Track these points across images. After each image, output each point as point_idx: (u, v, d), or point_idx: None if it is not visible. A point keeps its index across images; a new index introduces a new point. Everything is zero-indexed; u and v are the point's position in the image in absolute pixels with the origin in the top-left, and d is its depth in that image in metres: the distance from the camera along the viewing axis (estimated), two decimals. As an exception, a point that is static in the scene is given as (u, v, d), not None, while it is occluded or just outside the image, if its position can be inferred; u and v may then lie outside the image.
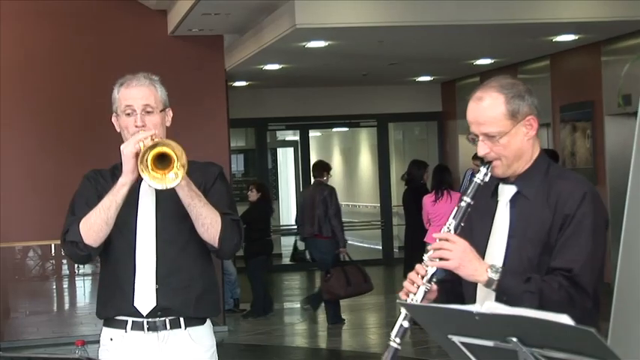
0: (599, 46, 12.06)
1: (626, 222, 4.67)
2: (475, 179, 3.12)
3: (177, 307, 3.68)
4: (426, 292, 3.03)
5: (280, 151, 21.92)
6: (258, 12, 10.26)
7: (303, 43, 10.81)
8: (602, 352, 2.18)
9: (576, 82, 12.82)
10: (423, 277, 3.03)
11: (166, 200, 3.64)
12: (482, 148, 3.11)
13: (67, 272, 11.41)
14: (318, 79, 15.07)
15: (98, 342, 3.80)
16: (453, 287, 3.21)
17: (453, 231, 3.06)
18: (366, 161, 20.01)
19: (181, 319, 3.70)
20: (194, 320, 3.73)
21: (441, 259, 3.01)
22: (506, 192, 3.17)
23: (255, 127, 16.73)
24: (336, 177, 22.42)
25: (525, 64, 13.94)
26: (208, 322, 3.81)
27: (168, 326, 3.67)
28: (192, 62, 11.27)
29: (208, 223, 3.59)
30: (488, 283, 2.99)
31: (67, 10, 10.99)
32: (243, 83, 14.91)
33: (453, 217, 3.08)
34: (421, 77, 15.65)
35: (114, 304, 3.71)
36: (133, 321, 3.67)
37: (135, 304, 3.65)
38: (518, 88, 3.17)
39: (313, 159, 18.47)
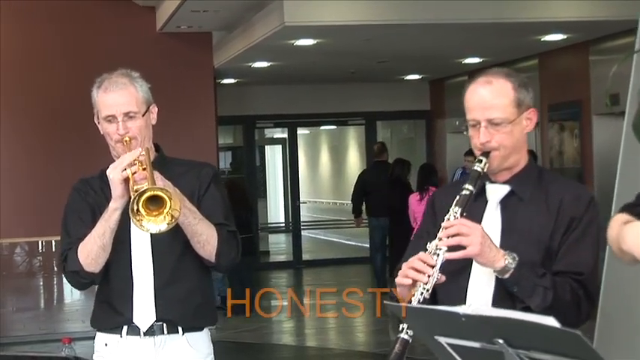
0: (588, 45, 12.08)
1: (613, 222, 4.68)
2: (475, 167, 3.01)
3: (176, 319, 3.56)
4: (436, 282, 2.91)
5: (268, 148, 21.94)
6: (247, 9, 10.26)
7: (292, 41, 10.80)
8: (589, 354, 2.18)
9: (564, 81, 12.84)
10: (432, 267, 2.89)
11: None
12: (485, 136, 3.01)
13: (54, 269, 11.39)
14: (306, 77, 15.06)
15: (85, 339, 3.74)
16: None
17: (459, 217, 2.94)
18: (353, 159, 20.02)
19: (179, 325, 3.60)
20: (192, 327, 3.62)
21: (458, 246, 2.89)
22: (497, 192, 3.09)
23: (244, 125, 16.71)
24: (324, 175, 22.48)
25: (513, 63, 13.93)
26: (206, 328, 3.70)
27: (165, 331, 3.55)
28: (181, 59, 11.26)
29: (204, 240, 3.46)
30: (503, 271, 2.90)
31: (56, 7, 10.98)
32: (231, 80, 14.89)
33: (456, 205, 2.96)
34: (409, 76, 15.65)
35: (112, 320, 3.59)
36: (128, 326, 3.56)
37: (134, 321, 3.54)
38: (522, 79, 3.13)
39: (301, 157, 18.52)
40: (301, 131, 19.21)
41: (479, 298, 3.01)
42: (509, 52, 13.06)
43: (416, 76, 15.78)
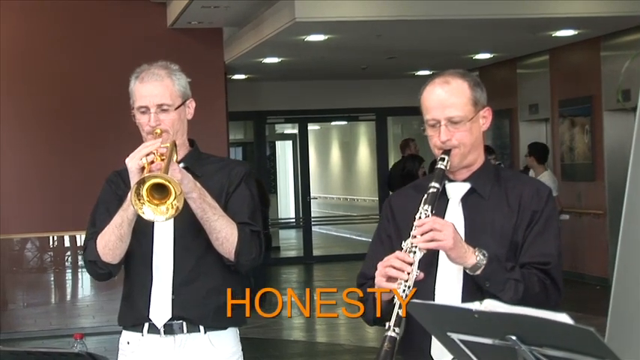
0: (599, 41, 12.06)
1: (625, 217, 4.67)
2: (439, 166, 3.07)
3: (193, 318, 3.49)
4: (415, 279, 2.94)
5: (279, 144, 21.97)
6: (258, 5, 10.26)
7: (303, 37, 10.81)
8: (602, 351, 2.18)
9: (575, 77, 12.83)
10: (411, 264, 2.93)
11: (185, 206, 3.33)
12: (445, 134, 3.08)
13: (65, 264, 11.43)
14: (317, 73, 15.07)
15: (96, 334, 3.72)
16: None
17: (430, 215, 3.00)
18: (364, 155, 20.03)
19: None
20: (214, 326, 3.53)
21: (432, 241, 2.94)
22: (458, 190, 3.16)
23: (254, 120, 16.73)
24: (335, 170, 22.48)
25: (524, 58, 13.94)
26: (233, 328, 3.61)
27: (185, 330, 3.48)
28: (192, 55, 11.27)
29: (223, 237, 3.38)
30: (474, 267, 2.95)
31: (66, 3, 11.00)
32: (242, 76, 14.91)
33: (425, 203, 3.01)
34: (420, 71, 15.63)
35: (132, 315, 3.55)
36: (149, 324, 3.50)
37: (150, 317, 3.48)
38: (476, 79, 3.21)
39: (312, 152, 18.55)
40: (312, 127, 19.23)
41: (448, 294, 3.06)
42: (520, 48, 13.06)
43: (427, 72, 15.73)
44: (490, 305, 2.33)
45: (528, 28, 10.95)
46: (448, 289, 3.07)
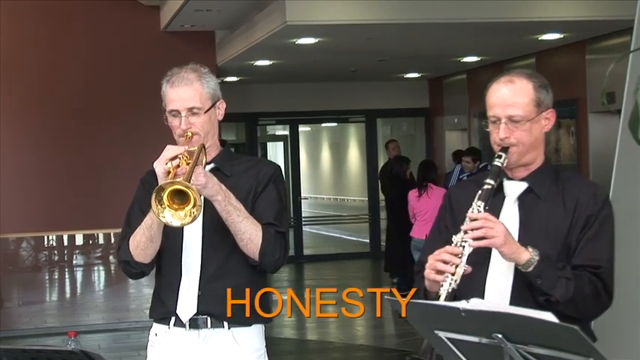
0: (584, 44, 12.17)
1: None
2: (496, 163, 3.13)
3: (218, 314, 3.56)
4: (463, 273, 2.97)
5: (270, 145, 21.98)
6: (250, 9, 10.37)
7: (294, 40, 10.89)
8: (586, 349, 2.25)
9: (561, 80, 12.93)
10: (460, 259, 2.97)
11: (213, 206, 3.44)
12: (504, 132, 3.13)
13: (60, 263, 11.51)
14: (307, 75, 15.13)
15: (90, 332, 3.78)
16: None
17: (482, 211, 3.04)
18: (354, 156, 20.10)
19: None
20: (239, 322, 3.59)
21: (482, 238, 2.99)
22: (515, 188, 3.20)
23: (246, 122, 16.77)
24: (325, 171, 22.55)
25: (511, 61, 14.03)
26: (258, 325, 3.67)
27: (209, 324, 3.55)
28: (184, 57, 11.29)
29: (247, 238, 3.44)
30: (527, 264, 3.00)
31: (61, 5, 11.10)
32: (234, 78, 14.98)
33: (479, 199, 3.06)
34: (409, 74, 15.72)
35: (160, 309, 3.64)
36: (176, 318, 3.58)
37: (177, 311, 3.56)
38: (543, 80, 3.25)
39: (302, 153, 18.63)
40: (303, 128, 19.27)
41: (498, 289, 3.12)
42: (506, 51, 13.14)
43: (415, 75, 15.86)
44: (476, 304, 2.40)
45: (515, 31, 11.05)
46: (499, 285, 3.12)
